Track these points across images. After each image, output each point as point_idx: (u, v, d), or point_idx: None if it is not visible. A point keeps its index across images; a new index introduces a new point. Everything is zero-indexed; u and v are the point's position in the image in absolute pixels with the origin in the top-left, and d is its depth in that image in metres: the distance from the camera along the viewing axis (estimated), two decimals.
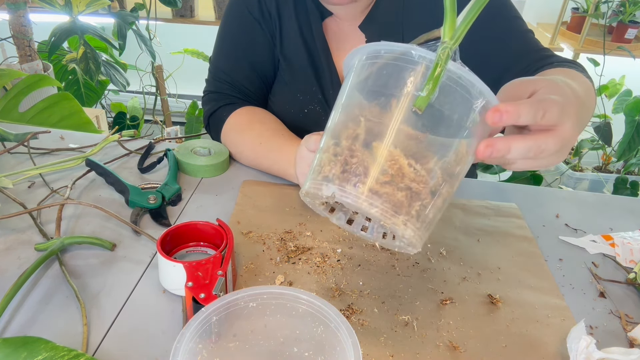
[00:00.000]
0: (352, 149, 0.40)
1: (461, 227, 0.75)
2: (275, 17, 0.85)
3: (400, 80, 0.38)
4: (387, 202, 0.38)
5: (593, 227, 0.78)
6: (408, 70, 0.38)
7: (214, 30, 2.66)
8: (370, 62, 0.41)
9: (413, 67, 0.38)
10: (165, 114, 2.48)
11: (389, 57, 0.40)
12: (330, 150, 0.41)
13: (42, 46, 1.81)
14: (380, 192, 0.38)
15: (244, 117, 0.87)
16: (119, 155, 0.87)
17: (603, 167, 2.55)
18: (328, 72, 0.86)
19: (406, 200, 0.39)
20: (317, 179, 0.42)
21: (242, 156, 0.86)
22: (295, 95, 0.89)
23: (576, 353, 0.50)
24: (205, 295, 0.51)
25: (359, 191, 0.38)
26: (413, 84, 0.37)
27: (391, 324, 0.57)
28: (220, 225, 0.62)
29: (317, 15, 0.84)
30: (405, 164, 0.38)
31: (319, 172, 0.42)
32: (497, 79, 0.69)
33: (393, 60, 0.39)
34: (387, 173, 0.38)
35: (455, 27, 0.38)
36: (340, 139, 0.41)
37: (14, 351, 0.43)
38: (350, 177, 0.39)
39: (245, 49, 0.88)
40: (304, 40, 0.85)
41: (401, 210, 0.39)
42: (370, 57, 0.41)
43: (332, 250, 0.67)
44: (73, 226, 0.69)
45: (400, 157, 0.38)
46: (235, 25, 0.88)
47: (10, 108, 0.72)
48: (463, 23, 0.38)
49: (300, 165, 0.67)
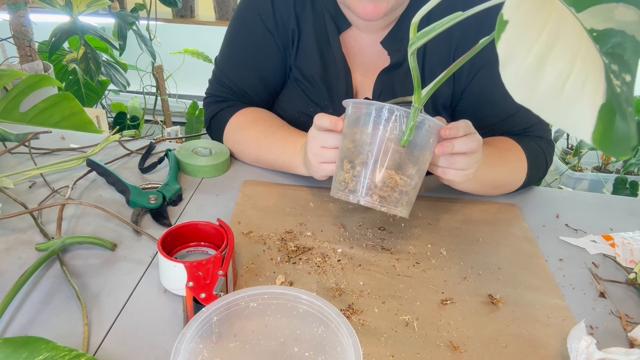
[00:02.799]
0: (365, 172, 0.62)
1: (461, 227, 0.75)
2: (295, 28, 0.83)
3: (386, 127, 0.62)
4: (390, 203, 0.62)
5: (593, 228, 0.78)
6: (389, 119, 0.61)
7: (214, 30, 2.65)
8: (367, 114, 0.62)
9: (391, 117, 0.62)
10: (165, 114, 2.48)
11: (377, 107, 0.61)
12: (350, 173, 0.63)
13: (43, 46, 1.82)
14: (386, 197, 0.62)
15: (247, 116, 0.87)
16: (120, 155, 0.87)
17: (603, 167, 2.56)
18: (344, 85, 0.84)
19: (400, 197, 0.63)
20: (344, 191, 0.64)
21: (245, 153, 0.86)
22: (306, 106, 0.88)
23: (576, 353, 0.50)
24: (205, 296, 0.51)
25: (374, 199, 0.62)
26: (396, 130, 0.61)
27: (392, 324, 0.57)
28: (220, 225, 0.62)
29: (333, 27, 0.82)
30: (398, 178, 0.62)
31: (345, 187, 0.64)
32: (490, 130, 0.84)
33: (380, 112, 0.61)
34: (389, 186, 0.62)
35: (421, 97, 0.59)
36: (355, 164, 0.63)
37: (15, 351, 0.43)
38: (367, 191, 0.62)
39: (254, 60, 0.86)
40: (320, 52, 0.84)
41: (398, 203, 0.63)
42: (367, 108, 0.62)
43: (333, 250, 0.68)
44: (74, 226, 0.69)
45: (394, 174, 0.62)
46: (247, 32, 0.86)
47: (11, 108, 0.72)
48: (427, 93, 0.59)
49: (312, 145, 0.70)
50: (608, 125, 0.35)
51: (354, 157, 0.63)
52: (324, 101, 0.86)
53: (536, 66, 0.36)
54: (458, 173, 0.67)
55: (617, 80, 0.36)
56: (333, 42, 0.83)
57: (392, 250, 0.69)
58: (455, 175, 0.67)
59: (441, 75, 0.59)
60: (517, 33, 0.36)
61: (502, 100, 0.80)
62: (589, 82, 0.35)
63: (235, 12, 0.88)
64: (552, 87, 0.35)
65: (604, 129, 0.35)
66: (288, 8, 0.82)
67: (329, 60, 0.84)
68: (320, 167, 0.70)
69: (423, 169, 0.64)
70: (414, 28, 0.55)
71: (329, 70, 0.84)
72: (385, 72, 0.83)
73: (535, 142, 0.83)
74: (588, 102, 0.35)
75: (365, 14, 0.71)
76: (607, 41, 0.37)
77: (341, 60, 0.83)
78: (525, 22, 0.36)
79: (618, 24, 0.37)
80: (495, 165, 0.77)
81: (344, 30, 0.83)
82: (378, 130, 0.61)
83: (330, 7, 0.81)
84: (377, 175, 0.62)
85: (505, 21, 0.36)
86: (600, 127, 0.35)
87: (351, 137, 0.64)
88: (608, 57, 0.37)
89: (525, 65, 0.35)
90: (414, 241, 0.71)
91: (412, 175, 0.62)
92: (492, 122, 0.83)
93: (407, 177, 0.62)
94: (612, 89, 0.35)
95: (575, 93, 0.35)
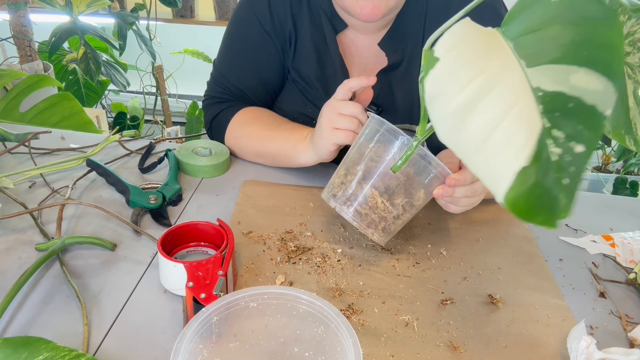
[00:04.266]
0: (353, 183, 0.63)
1: (461, 227, 0.75)
2: (292, 30, 0.83)
3: (387, 149, 0.62)
4: (363, 221, 0.63)
5: (593, 227, 0.78)
6: (393, 143, 0.61)
7: (214, 30, 2.65)
8: (375, 130, 0.63)
9: (396, 141, 0.61)
10: (165, 114, 2.48)
11: (387, 128, 0.61)
12: (341, 179, 0.64)
13: (43, 46, 1.82)
14: (362, 214, 0.63)
15: (251, 113, 0.87)
16: (120, 155, 0.87)
17: (603, 167, 2.55)
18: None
19: (377, 221, 0.63)
20: (329, 195, 0.65)
21: (247, 147, 0.86)
22: (305, 107, 0.88)
23: (576, 353, 0.50)
24: (205, 296, 0.51)
25: (350, 210, 0.63)
26: (393, 153, 0.61)
27: (392, 324, 0.57)
28: (220, 225, 0.62)
29: (330, 28, 0.82)
30: (379, 200, 0.62)
31: (331, 190, 0.65)
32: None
33: (387, 133, 0.62)
34: (367, 204, 0.62)
35: (425, 129, 0.56)
36: (348, 172, 0.64)
37: (15, 351, 0.43)
38: (346, 201, 0.63)
39: (253, 62, 0.86)
40: (317, 53, 0.84)
41: (371, 225, 0.63)
42: (377, 125, 0.63)
43: (333, 250, 0.68)
44: (74, 226, 0.69)
45: (377, 195, 0.62)
46: (244, 34, 0.86)
47: (11, 108, 0.72)
48: (430, 129, 0.56)
49: (328, 111, 0.71)
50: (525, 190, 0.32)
51: (350, 166, 0.64)
52: (322, 102, 0.86)
53: (463, 110, 0.34)
54: (458, 209, 0.68)
55: (556, 148, 0.32)
56: (330, 43, 0.83)
57: (392, 250, 0.69)
58: (455, 210, 0.68)
59: None
60: (448, 73, 0.35)
61: None
62: (517, 140, 0.33)
63: (233, 14, 0.88)
64: (477, 134, 0.33)
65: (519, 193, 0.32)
66: (285, 9, 0.82)
67: (326, 61, 0.84)
68: (332, 133, 0.70)
69: (414, 205, 0.64)
70: (427, 55, 0.53)
71: (326, 71, 0.84)
72: (383, 73, 0.83)
73: None
74: (509, 159, 0.33)
75: (364, 15, 0.71)
76: (555, 105, 0.34)
77: (338, 61, 0.83)
78: (459, 64, 0.35)
79: (571, 89, 0.34)
80: None
81: (341, 31, 0.83)
82: (389, 154, 0.61)
83: (327, 7, 0.81)
84: (362, 189, 0.62)
85: (436, 58, 0.35)
86: (515, 189, 0.32)
87: (362, 150, 0.64)
88: (551, 121, 0.33)
89: (452, 107, 0.34)
90: (414, 241, 0.71)
91: (397, 204, 0.62)
92: None
93: (390, 204, 0.62)
94: (546, 155, 0.32)
95: (499, 146, 0.33)
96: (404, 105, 0.84)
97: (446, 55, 0.36)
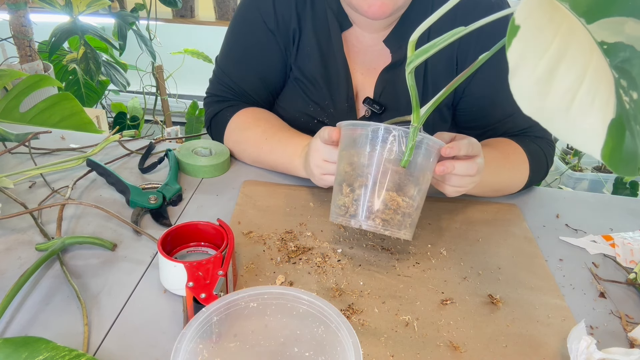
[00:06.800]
0: (365, 195, 0.60)
1: (461, 227, 0.75)
2: (296, 28, 0.83)
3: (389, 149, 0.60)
4: (393, 226, 0.60)
5: (593, 228, 0.78)
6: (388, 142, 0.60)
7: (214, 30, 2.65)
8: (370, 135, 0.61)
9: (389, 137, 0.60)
10: (165, 114, 2.48)
11: (373, 129, 0.60)
12: (350, 196, 0.61)
13: (43, 46, 1.82)
14: (388, 220, 0.60)
15: (248, 116, 0.87)
16: (120, 155, 0.87)
17: (602, 167, 2.55)
18: (345, 85, 0.84)
19: (402, 219, 0.61)
20: (345, 216, 0.61)
21: (246, 153, 0.86)
22: (307, 106, 0.88)
23: (576, 353, 0.50)
24: (205, 296, 0.51)
25: (376, 222, 0.60)
26: (394, 150, 0.59)
27: (392, 324, 0.57)
28: (220, 225, 0.62)
29: (336, 26, 0.82)
30: (400, 200, 0.60)
31: (346, 211, 0.61)
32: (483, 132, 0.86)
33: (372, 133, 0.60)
34: (391, 209, 0.60)
35: (420, 116, 0.58)
36: (354, 187, 0.61)
37: (15, 351, 0.43)
38: (368, 214, 0.60)
39: (256, 60, 0.86)
40: (321, 52, 0.83)
41: (401, 226, 0.61)
42: (374, 132, 0.61)
43: (333, 250, 0.68)
44: (74, 226, 0.69)
45: (395, 196, 0.60)
46: (248, 32, 0.85)
47: (11, 108, 0.72)
48: (426, 112, 0.58)
49: (314, 157, 0.70)
50: (618, 141, 0.33)
51: (352, 180, 0.61)
52: (325, 101, 0.86)
53: (547, 76, 0.34)
54: (452, 189, 0.67)
55: (625, 97, 0.34)
56: (335, 40, 0.83)
57: (392, 250, 0.69)
58: (449, 190, 0.67)
59: (440, 93, 0.58)
60: (529, 39, 0.34)
61: (501, 100, 0.81)
62: (600, 96, 0.34)
63: (236, 12, 0.88)
64: (562, 100, 0.34)
65: (614, 145, 0.33)
66: (289, 8, 0.82)
67: (330, 60, 0.84)
68: (322, 178, 0.70)
69: (424, 189, 0.63)
70: (412, 46, 0.52)
71: (329, 70, 0.84)
72: (386, 71, 0.83)
73: (535, 143, 0.83)
74: (598, 116, 0.34)
75: (372, 12, 0.70)
76: (616, 55, 0.36)
77: (342, 60, 0.83)
78: (538, 29, 0.35)
79: (628, 38, 0.36)
80: (498, 172, 0.77)
81: (346, 29, 0.83)
82: (375, 151, 0.59)
83: (333, 5, 0.81)
84: (378, 197, 0.60)
85: (517, 26, 0.34)
86: (609, 143, 0.33)
87: (348, 160, 0.62)
88: (617, 72, 0.35)
89: (536, 75, 0.34)
90: (414, 241, 0.71)
91: (413, 196, 0.61)
92: (492, 122, 0.83)
93: (409, 198, 0.60)
94: (622, 105, 0.34)
95: (586, 106, 0.34)
96: (407, 102, 0.84)
97: (525, 23, 0.35)
